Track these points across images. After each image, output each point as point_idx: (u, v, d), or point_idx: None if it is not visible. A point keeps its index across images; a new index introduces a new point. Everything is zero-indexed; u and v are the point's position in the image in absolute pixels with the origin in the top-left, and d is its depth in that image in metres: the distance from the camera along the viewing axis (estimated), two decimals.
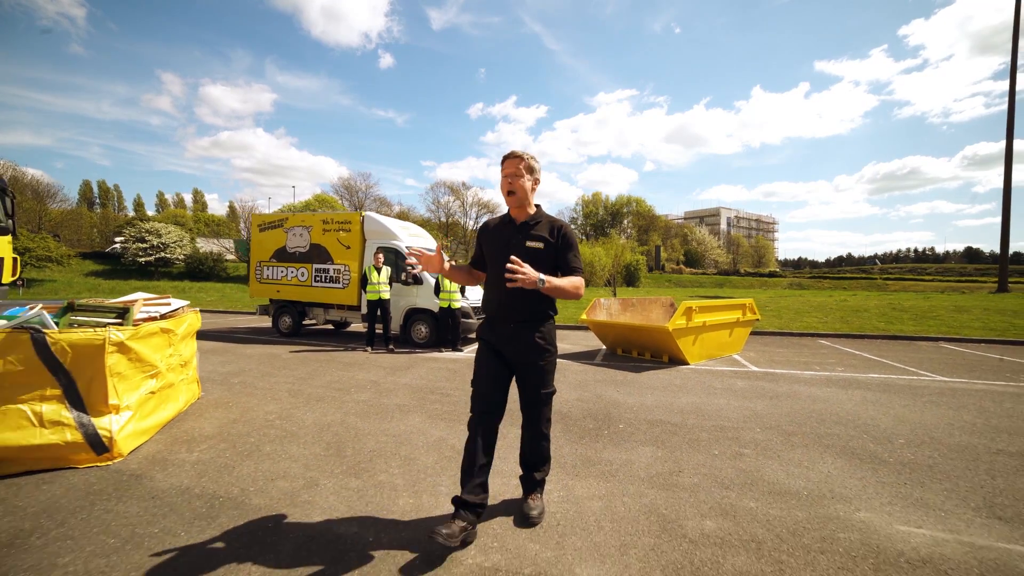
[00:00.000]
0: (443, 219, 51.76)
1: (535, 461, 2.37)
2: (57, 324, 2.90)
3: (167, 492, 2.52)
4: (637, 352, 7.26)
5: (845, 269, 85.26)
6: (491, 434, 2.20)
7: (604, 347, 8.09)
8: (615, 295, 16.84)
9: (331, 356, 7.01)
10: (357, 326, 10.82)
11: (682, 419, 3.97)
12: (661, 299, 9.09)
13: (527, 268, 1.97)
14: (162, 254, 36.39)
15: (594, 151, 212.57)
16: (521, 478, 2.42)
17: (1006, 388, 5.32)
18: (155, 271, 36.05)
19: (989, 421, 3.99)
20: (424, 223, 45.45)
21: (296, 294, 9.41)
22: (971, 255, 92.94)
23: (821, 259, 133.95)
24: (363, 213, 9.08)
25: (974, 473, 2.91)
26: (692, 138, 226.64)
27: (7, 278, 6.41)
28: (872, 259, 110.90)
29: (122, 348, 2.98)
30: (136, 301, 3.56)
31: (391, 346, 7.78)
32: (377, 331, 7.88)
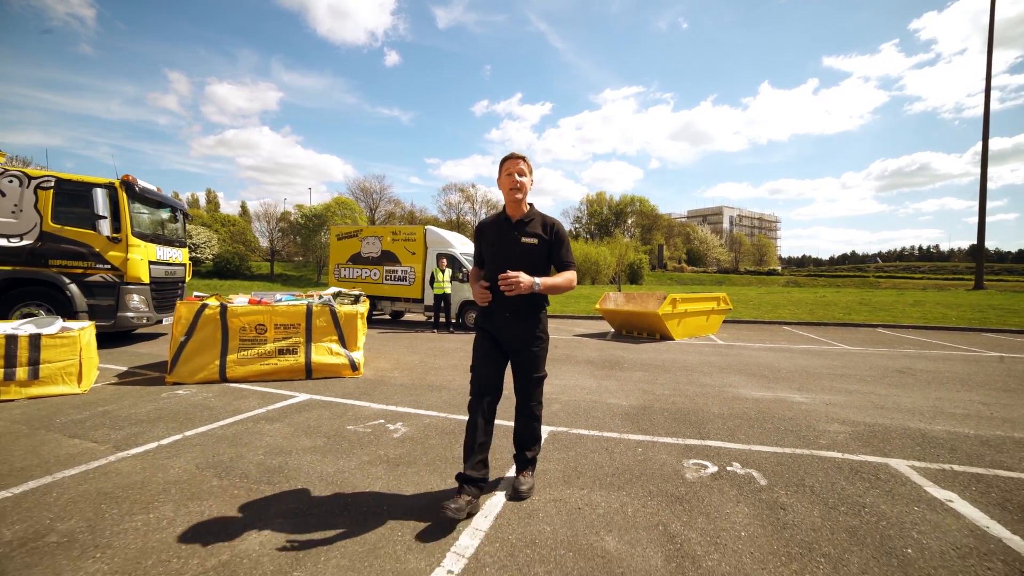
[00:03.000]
0: (453, 218, 54.60)
1: (527, 440, 2.56)
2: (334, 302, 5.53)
3: (402, 385, 5.12)
4: (636, 332, 9.83)
5: (843, 267, 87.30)
6: (490, 414, 2.40)
7: (612, 329, 10.67)
8: (620, 290, 19.32)
9: (412, 335, 9.63)
10: (410, 316, 13.45)
11: (662, 363, 6.56)
12: (656, 293, 11.61)
13: (521, 276, 2.18)
14: (193, 254, 39.32)
15: (599, 148, 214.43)
16: (514, 456, 2.63)
17: (884, 352, 7.88)
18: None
19: (847, 364, 6.58)
20: (434, 222, 48.21)
21: (369, 290, 12.02)
22: (974, 253, 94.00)
23: (826, 257, 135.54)
24: (425, 227, 11.70)
25: (806, 380, 5.53)
26: (698, 135, 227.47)
27: (188, 278, 9.06)
28: (873, 257, 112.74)
29: (360, 316, 5.59)
30: (337, 291, 6.17)
31: (451, 329, 10.39)
32: (440, 319, 10.49)
